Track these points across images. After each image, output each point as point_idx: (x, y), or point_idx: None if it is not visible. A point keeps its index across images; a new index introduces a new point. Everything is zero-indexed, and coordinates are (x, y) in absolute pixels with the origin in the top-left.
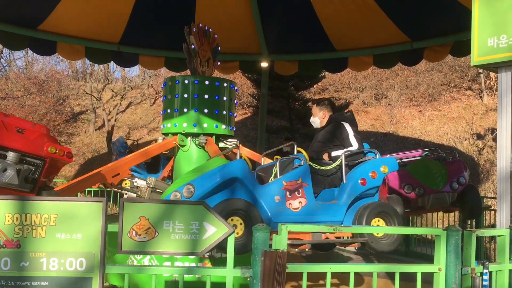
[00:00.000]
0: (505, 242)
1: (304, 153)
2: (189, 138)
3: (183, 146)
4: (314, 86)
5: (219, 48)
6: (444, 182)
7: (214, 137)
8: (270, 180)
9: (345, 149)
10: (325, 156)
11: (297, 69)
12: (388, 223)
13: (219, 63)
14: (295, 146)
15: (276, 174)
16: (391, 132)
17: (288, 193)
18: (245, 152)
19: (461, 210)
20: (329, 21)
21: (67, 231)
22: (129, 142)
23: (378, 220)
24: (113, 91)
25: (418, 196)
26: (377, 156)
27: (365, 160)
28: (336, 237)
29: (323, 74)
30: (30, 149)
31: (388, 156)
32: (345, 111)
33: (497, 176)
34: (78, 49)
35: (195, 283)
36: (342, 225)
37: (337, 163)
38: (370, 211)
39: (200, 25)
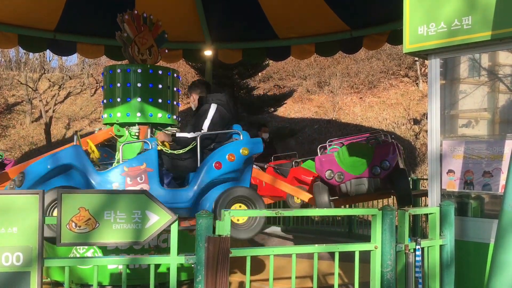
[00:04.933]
0: (436, 219)
1: (164, 136)
2: (125, 128)
3: (120, 136)
4: (259, 74)
5: (166, 35)
6: (365, 166)
7: (150, 126)
8: (114, 165)
9: (193, 133)
10: (160, 137)
11: (240, 57)
12: (250, 208)
13: (166, 50)
14: (148, 130)
15: (119, 159)
16: (334, 118)
17: (128, 179)
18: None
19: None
20: (272, 9)
21: (1, 225)
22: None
23: (240, 206)
24: (50, 81)
25: (339, 182)
26: (241, 138)
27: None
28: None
29: (267, 62)
30: None
31: (334, 141)
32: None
33: (428, 158)
34: (10, 37)
35: (140, 273)
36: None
37: (190, 146)
38: (227, 196)
39: (136, 12)
